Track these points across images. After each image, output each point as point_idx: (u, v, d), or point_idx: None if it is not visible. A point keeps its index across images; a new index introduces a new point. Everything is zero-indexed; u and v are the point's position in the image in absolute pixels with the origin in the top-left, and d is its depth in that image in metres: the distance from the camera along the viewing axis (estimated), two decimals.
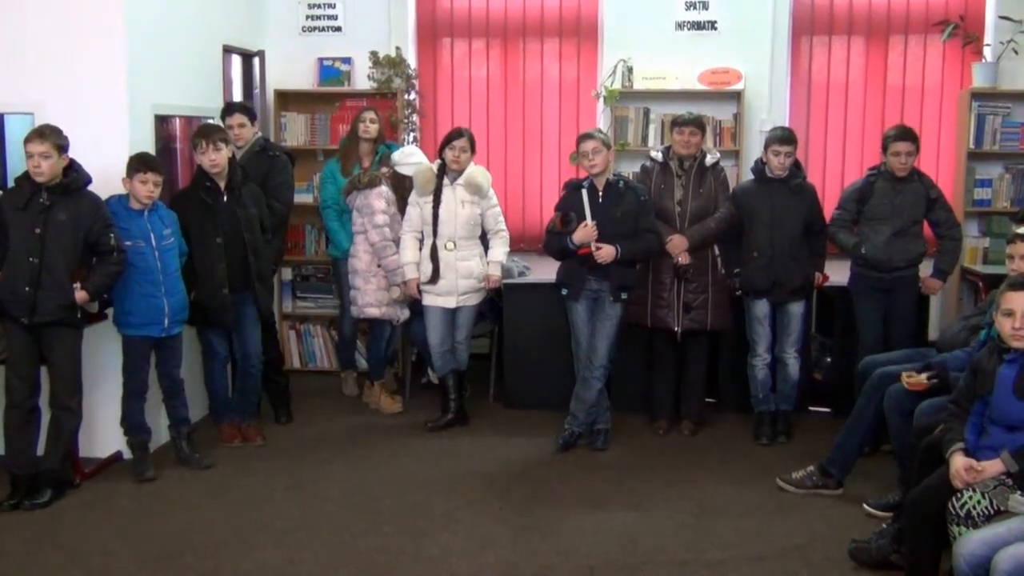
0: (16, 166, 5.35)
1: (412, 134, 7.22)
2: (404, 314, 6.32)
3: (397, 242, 6.09)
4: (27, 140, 4.76)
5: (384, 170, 6.21)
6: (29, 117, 5.20)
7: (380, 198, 6.11)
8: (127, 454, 5.41)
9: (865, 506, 4.79)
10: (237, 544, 4.47)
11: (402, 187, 6.18)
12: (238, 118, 5.95)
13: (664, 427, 6.00)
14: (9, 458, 4.96)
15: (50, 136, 4.74)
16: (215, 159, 5.38)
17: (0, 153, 5.74)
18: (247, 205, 5.55)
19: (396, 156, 6.28)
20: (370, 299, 6.21)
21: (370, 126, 6.44)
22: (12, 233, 4.77)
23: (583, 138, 5.55)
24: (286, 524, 4.69)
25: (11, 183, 5.05)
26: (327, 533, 4.59)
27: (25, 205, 4.76)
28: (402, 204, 6.14)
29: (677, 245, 5.69)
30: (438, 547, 4.44)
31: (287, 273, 7.29)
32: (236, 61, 6.97)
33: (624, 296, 5.54)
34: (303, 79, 7.36)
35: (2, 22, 5.34)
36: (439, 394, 6.19)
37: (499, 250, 6.04)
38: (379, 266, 6.15)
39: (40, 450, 4.98)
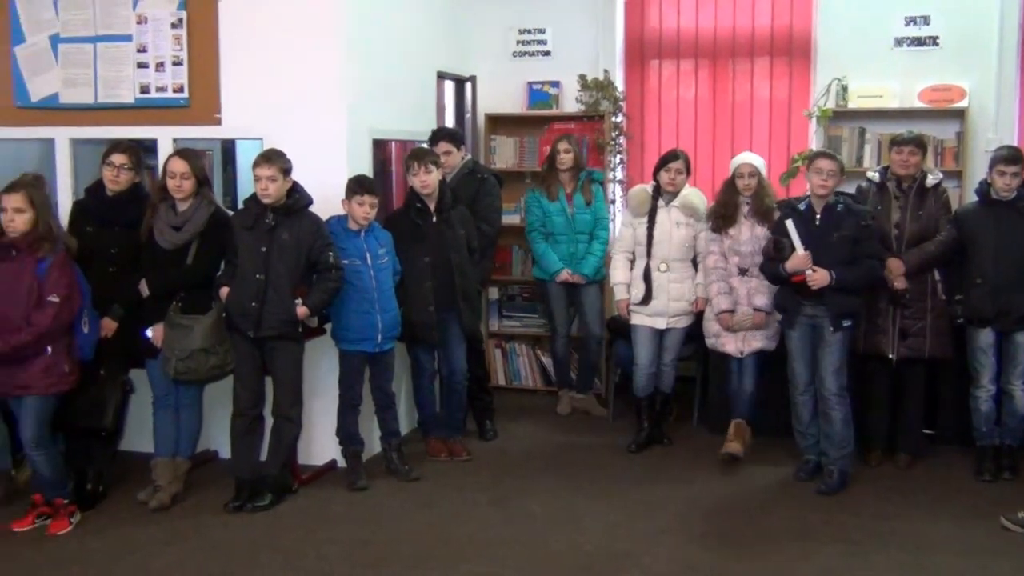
0: (245, 189, 5.70)
1: (619, 156, 7.25)
2: None
3: None
4: (255, 164, 5.02)
5: None
6: (258, 142, 5.49)
7: None
8: (341, 463, 5.63)
9: None
10: (442, 555, 4.57)
11: None
12: (443, 146, 6.06)
13: (877, 458, 5.75)
14: (234, 463, 5.25)
15: (276, 160, 5.01)
16: (426, 180, 5.56)
17: (232, 176, 6.12)
18: (455, 226, 5.70)
19: None
20: None
21: (564, 156, 6.52)
22: (240, 251, 5.04)
23: (822, 155, 5.31)
24: (489, 538, 4.76)
25: (240, 204, 5.38)
26: (529, 549, 4.64)
27: (252, 225, 5.03)
28: None
29: (893, 269, 5.46)
30: (640, 569, 4.41)
31: (494, 292, 7.42)
32: (449, 86, 7.19)
33: (845, 324, 5.27)
34: (513, 103, 7.50)
35: (235, 57, 5.66)
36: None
37: None
38: None
39: (263, 456, 5.25)
